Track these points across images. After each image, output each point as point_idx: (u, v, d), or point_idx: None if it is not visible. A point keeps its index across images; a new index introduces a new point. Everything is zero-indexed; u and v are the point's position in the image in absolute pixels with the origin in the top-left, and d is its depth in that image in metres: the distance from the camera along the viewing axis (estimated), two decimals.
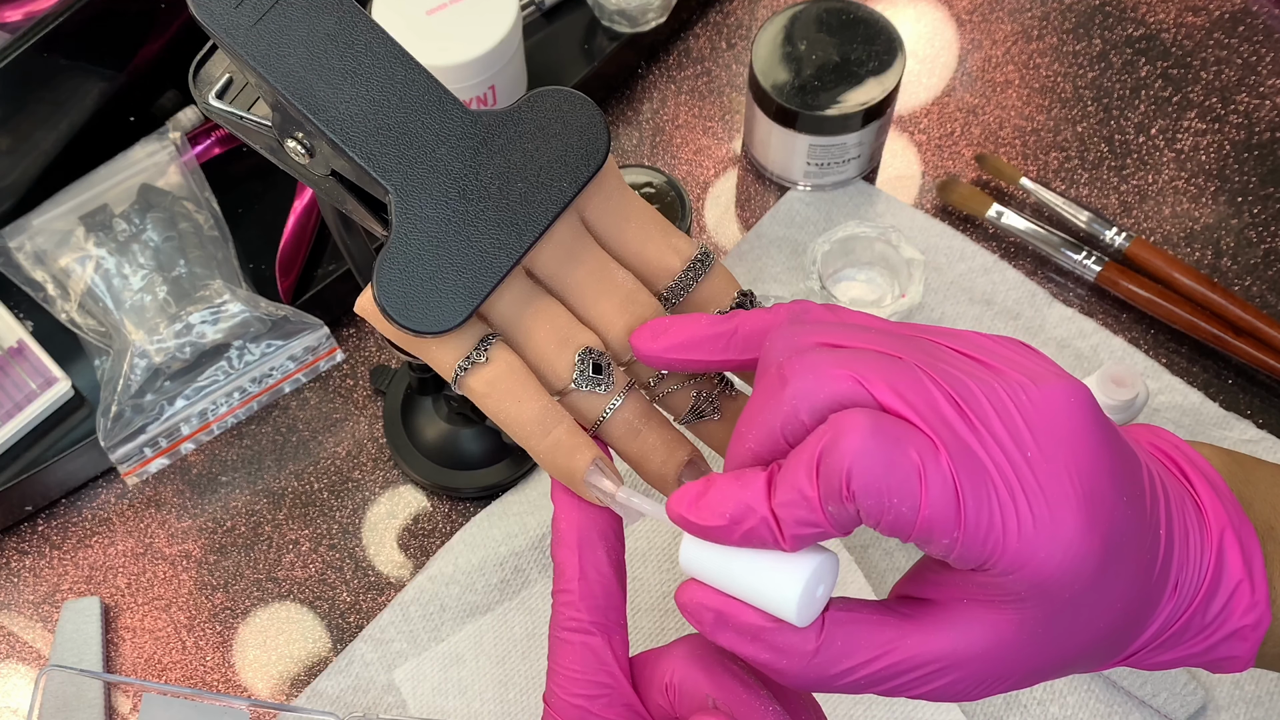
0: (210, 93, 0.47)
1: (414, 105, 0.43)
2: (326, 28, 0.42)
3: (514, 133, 0.43)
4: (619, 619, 0.44)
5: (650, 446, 0.44)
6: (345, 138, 0.42)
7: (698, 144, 0.85)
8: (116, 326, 0.74)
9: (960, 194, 0.81)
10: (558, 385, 0.44)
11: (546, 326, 0.43)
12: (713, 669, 0.42)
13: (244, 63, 0.42)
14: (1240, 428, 0.74)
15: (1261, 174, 0.83)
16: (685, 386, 0.44)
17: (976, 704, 0.68)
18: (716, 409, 0.44)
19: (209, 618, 0.73)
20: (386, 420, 0.76)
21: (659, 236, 0.45)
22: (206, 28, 0.42)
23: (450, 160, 0.43)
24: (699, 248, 0.45)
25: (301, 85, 0.42)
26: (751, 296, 0.45)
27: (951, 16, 0.89)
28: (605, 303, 0.44)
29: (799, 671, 0.39)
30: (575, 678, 0.43)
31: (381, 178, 0.42)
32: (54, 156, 0.77)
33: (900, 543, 0.72)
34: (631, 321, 0.44)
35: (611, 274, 0.44)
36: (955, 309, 0.78)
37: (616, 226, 0.45)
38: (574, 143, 0.43)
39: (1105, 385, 0.71)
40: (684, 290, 0.45)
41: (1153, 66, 0.87)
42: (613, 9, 0.84)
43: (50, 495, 0.76)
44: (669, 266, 0.45)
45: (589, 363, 0.43)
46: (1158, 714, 0.67)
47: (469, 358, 0.43)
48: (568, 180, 0.43)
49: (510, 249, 0.42)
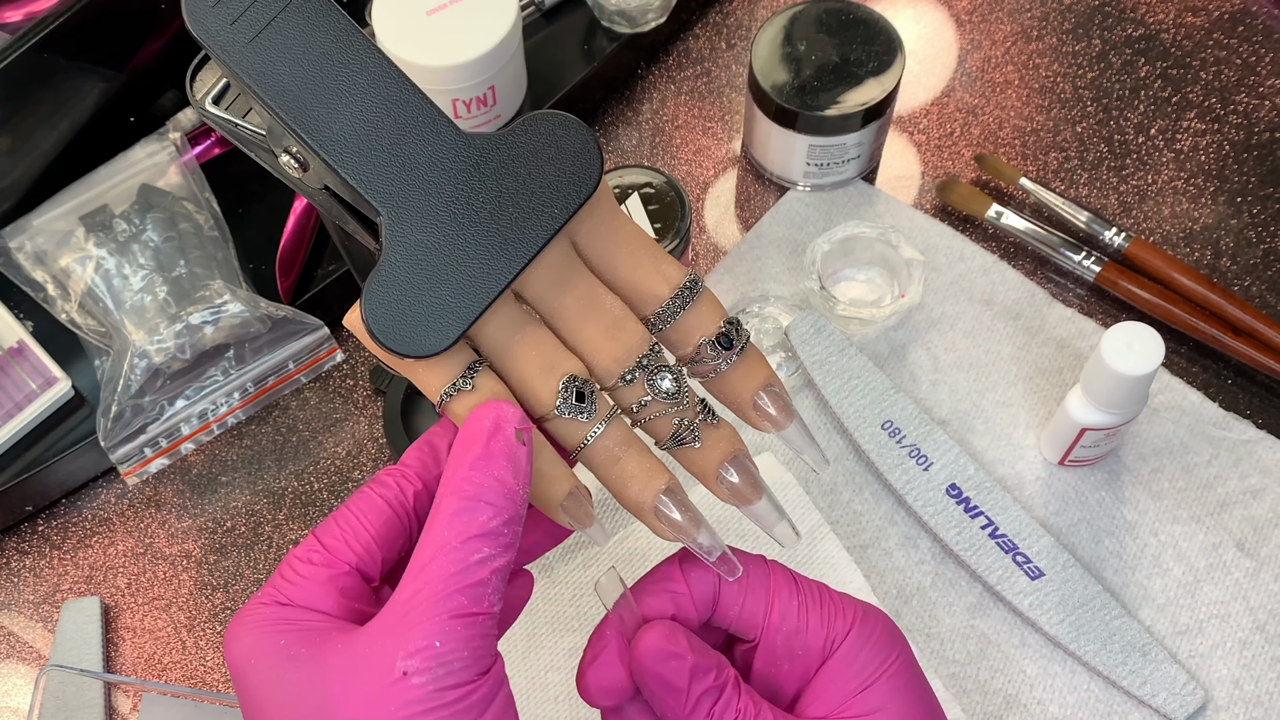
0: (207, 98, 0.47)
1: (408, 126, 0.43)
2: (322, 46, 0.42)
3: (507, 156, 0.43)
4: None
5: (629, 474, 0.44)
6: (337, 158, 0.42)
7: (698, 144, 0.85)
8: (116, 326, 0.74)
9: (960, 194, 0.81)
10: (540, 411, 0.44)
11: (532, 352, 0.44)
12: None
13: (238, 79, 0.42)
14: (1240, 428, 0.74)
15: (1261, 174, 0.83)
16: (668, 414, 0.45)
17: (976, 704, 0.68)
18: (697, 436, 0.45)
19: (209, 618, 0.73)
20: (386, 420, 0.76)
21: (649, 263, 0.45)
22: (202, 42, 0.42)
23: (442, 183, 0.43)
24: (688, 275, 0.45)
25: (295, 103, 0.42)
26: (737, 325, 0.45)
27: (951, 16, 0.89)
28: (591, 329, 0.44)
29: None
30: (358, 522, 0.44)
31: (373, 199, 0.42)
32: (54, 156, 0.77)
33: (900, 542, 0.72)
34: (618, 349, 0.44)
35: (600, 300, 0.45)
36: (955, 309, 0.78)
37: (607, 251, 0.45)
38: (566, 167, 0.43)
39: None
40: (671, 317, 0.45)
41: (1152, 66, 0.87)
42: (613, 9, 0.84)
43: (50, 495, 0.76)
44: (657, 293, 0.45)
45: (572, 391, 0.43)
46: (1157, 714, 0.67)
47: (455, 384, 0.43)
48: (559, 206, 0.43)
49: (499, 274, 0.43)
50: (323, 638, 0.41)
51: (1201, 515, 0.72)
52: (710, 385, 0.46)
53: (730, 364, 0.45)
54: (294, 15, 0.42)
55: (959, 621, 0.70)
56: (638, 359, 0.44)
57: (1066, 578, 0.69)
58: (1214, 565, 0.71)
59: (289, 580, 0.43)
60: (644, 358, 0.44)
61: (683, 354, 0.46)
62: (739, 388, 0.46)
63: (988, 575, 0.70)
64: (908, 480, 0.72)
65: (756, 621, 0.46)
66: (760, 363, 0.46)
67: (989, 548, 0.70)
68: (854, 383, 0.74)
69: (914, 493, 0.72)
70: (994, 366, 0.77)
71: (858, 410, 0.74)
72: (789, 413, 0.46)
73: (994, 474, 0.74)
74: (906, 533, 0.72)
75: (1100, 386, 0.67)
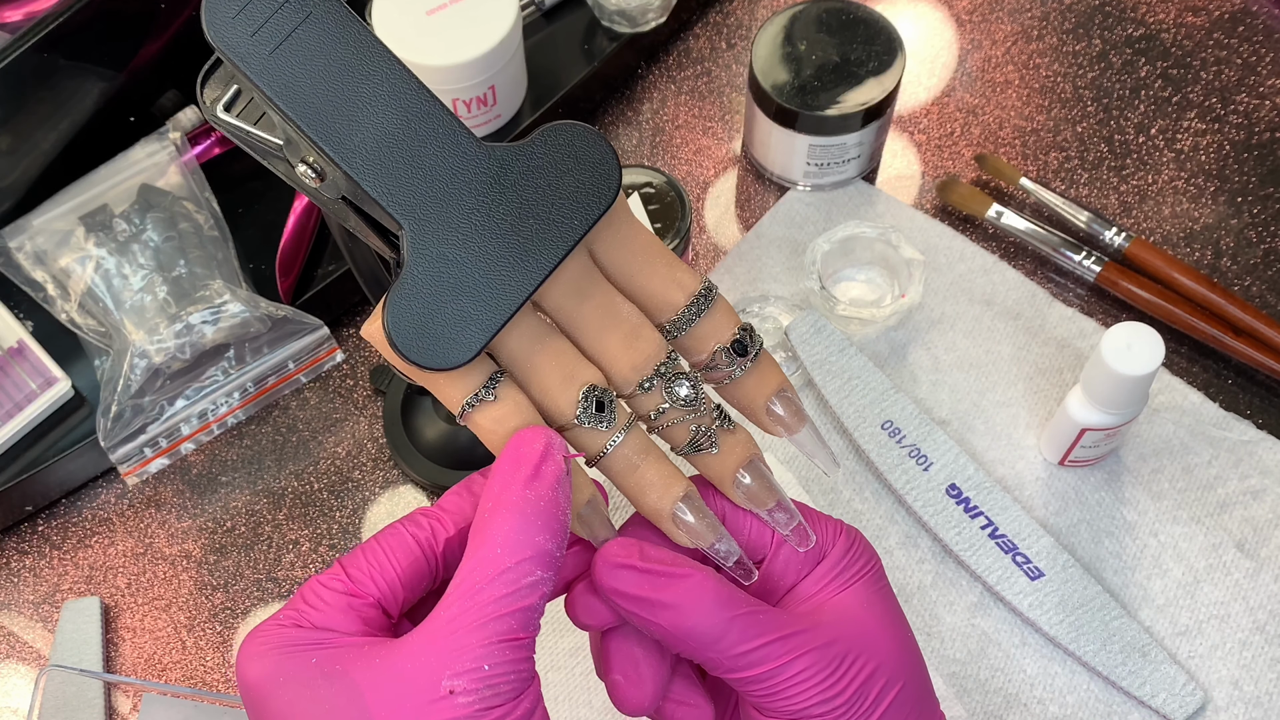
0: (218, 105, 0.46)
1: (429, 138, 0.43)
2: (343, 58, 0.42)
3: (526, 168, 0.43)
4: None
5: (648, 481, 0.45)
6: (360, 171, 0.42)
7: (698, 144, 0.85)
8: (116, 326, 0.74)
9: (960, 194, 0.81)
10: (560, 421, 0.44)
11: (552, 363, 0.44)
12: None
13: (259, 91, 0.42)
14: (1240, 428, 0.74)
15: (1261, 174, 0.83)
16: (685, 421, 0.45)
17: (977, 703, 0.68)
18: (714, 442, 0.45)
19: (209, 618, 0.73)
20: (386, 420, 0.76)
21: (664, 271, 0.46)
22: (222, 54, 0.42)
23: (464, 195, 0.43)
24: (703, 282, 0.46)
25: (316, 116, 0.42)
26: (751, 331, 0.46)
27: (951, 16, 0.89)
28: (610, 338, 0.45)
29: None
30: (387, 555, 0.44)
31: (395, 212, 0.42)
32: (54, 156, 0.77)
33: (900, 542, 0.72)
34: (635, 358, 0.45)
35: (617, 309, 0.45)
36: (955, 309, 0.78)
37: (624, 261, 0.45)
38: (586, 179, 0.43)
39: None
40: (686, 325, 0.46)
41: (1153, 66, 0.87)
42: (613, 9, 0.84)
43: (50, 495, 0.76)
44: (673, 301, 0.45)
45: (592, 400, 0.44)
46: (1157, 714, 0.67)
47: (477, 395, 0.44)
48: (579, 217, 0.43)
49: (521, 286, 0.43)
50: (356, 654, 0.41)
51: (1201, 516, 0.72)
52: (724, 391, 0.47)
53: (744, 370, 0.46)
54: (314, 26, 0.42)
55: (959, 620, 0.70)
56: (655, 367, 0.45)
57: (1066, 578, 0.69)
58: (1214, 566, 0.71)
59: (311, 605, 0.43)
60: (661, 365, 0.45)
61: (697, 360, 0.46)
62: (753, 393, 0.46)
63: (987, 575, 0.70)
64: (908, 480, 0.72)
65: (764, 543, 0.47)
66: (773, 368, 0.47)
67: (989, 548, 0.70)
68: (854, 383, 0.74)
69: (914, 493, 0.72)
70: (994, 366, 0.77)
71: (858, 410, 0.74)
72: (801, 417, 0.47)
73: (994, 474, 0.74)
74: (907, 532, 0.72)
75: (1100, 387, 0.67)
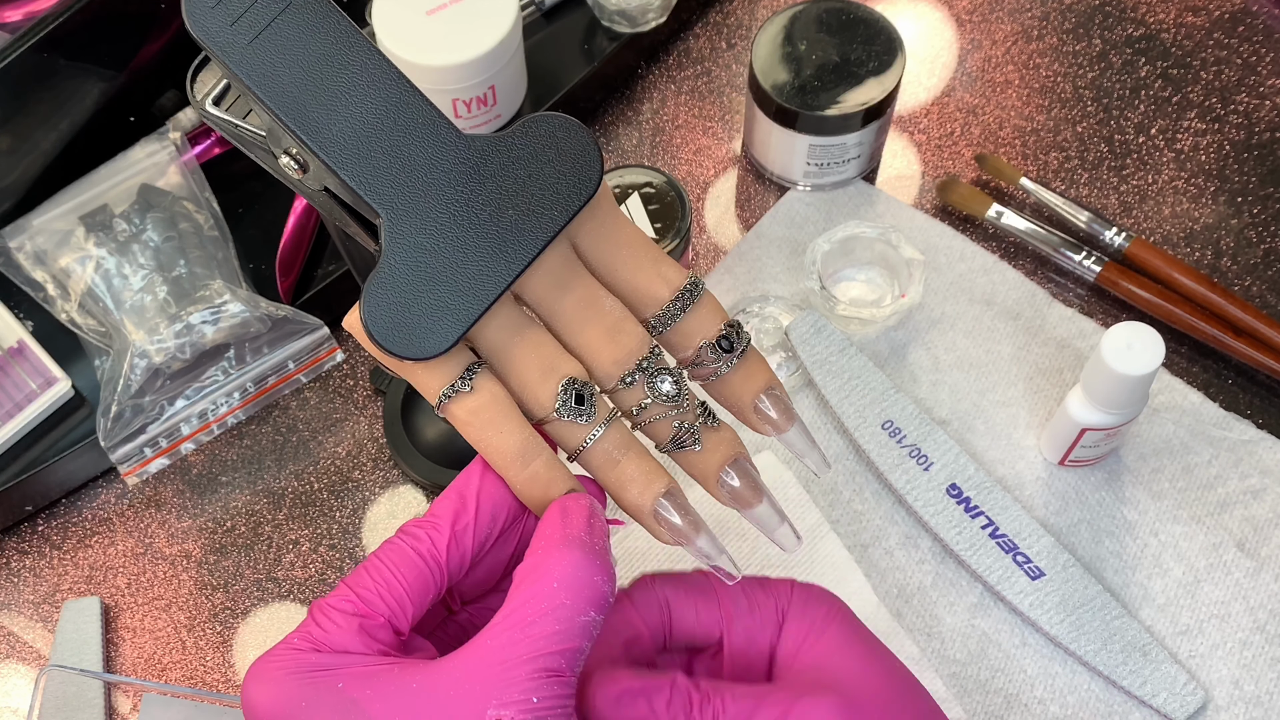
0: (207, 99, 0.47)
1: (408, 128, 0.42)
2: (321, 48, 0.42)
3: (507, 158, 0.43)
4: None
5: (628, 476, 0.44)
6: (337, 160, 0.42)
7: (698, 144, 0.85)
8: (116, 326, 0.74)
9: (960, 194, 0.81)
10: (539, 414, 0.44)
11: (531, 355, 0.44)
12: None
13: (238, 80, 0.42)
14: (1240, 428, 0.74)
15: (1261, 174, 0.83)
16: (668, 417, 0.45)
17: (977, 703, 0.68)
18: (697, 439, 0.45)
19: (209, 618, 0.73)
20: (386, 420, 0.76)
21: (649, 265, 0.45)
22: (201, 44, 0.42)
23: (442, 185, 0.43)
24: (689, 277, 0.45)
25: (295, 105, 0.42)
26: (738, 328, 0.45)
27: (951, 16, 0.89)
28: (591, 331, 0.44)
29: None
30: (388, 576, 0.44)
31: (372, 201, 0.42)
32: (54, 156, 0.77)
33: (900, 542, 0.72)
34: (617, 352, 0.44)
35: (600, 302, 0.44)
36: (955, 309, 0.78)
37: (608, 254, 0.45)
38: (567, 170, 0.43)
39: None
40: (671, 320, 0.45)
41: (1152, 66, 0.87)
42: (613, 9, 0.84)
43: (50, 495, 0.76)
44: (657, 296, 0.45)
45: (571, 393, 0.43)
46: (1157, 714, 0.67)
47: (454, 385, 0.43)
48: (559, 208, 0.43)
49: (499, 276, 0.42)
50: (387, 678, 0.41)
51: (1202, 515, 0.72)
52: (710, 388, 0.46)
53: (730, 367, 0.45)
54: (294, 17, 0.42)
55: (960, 621, 0.70)
56: (637, 361, 0.44)
57: (1067, 578, 0.69)
58: (1214, 565, 0.71)
59: (323, 627, 0.42)
60: (644, 360, 0.44)
61: (683, 357, 0.46)
62: (740, 391, 0.46)
63: (988, 575, 0.70)
64: (908, 480, 0.72)
65: (715, 623, 0.47)
66: (761, 365, 0.46)
67: (989, 548, 0.70)
68: (854, 383, 0.74)
69: (914, 492, 0.71)
70: (994, 366, 0.77)
71: (858, 410, 0.74)
72: (790, 416, 0.46)
73: (994, 474, 0.74)
74: (907, 532, 0.72)
75: (1100, 386, 0.67)
